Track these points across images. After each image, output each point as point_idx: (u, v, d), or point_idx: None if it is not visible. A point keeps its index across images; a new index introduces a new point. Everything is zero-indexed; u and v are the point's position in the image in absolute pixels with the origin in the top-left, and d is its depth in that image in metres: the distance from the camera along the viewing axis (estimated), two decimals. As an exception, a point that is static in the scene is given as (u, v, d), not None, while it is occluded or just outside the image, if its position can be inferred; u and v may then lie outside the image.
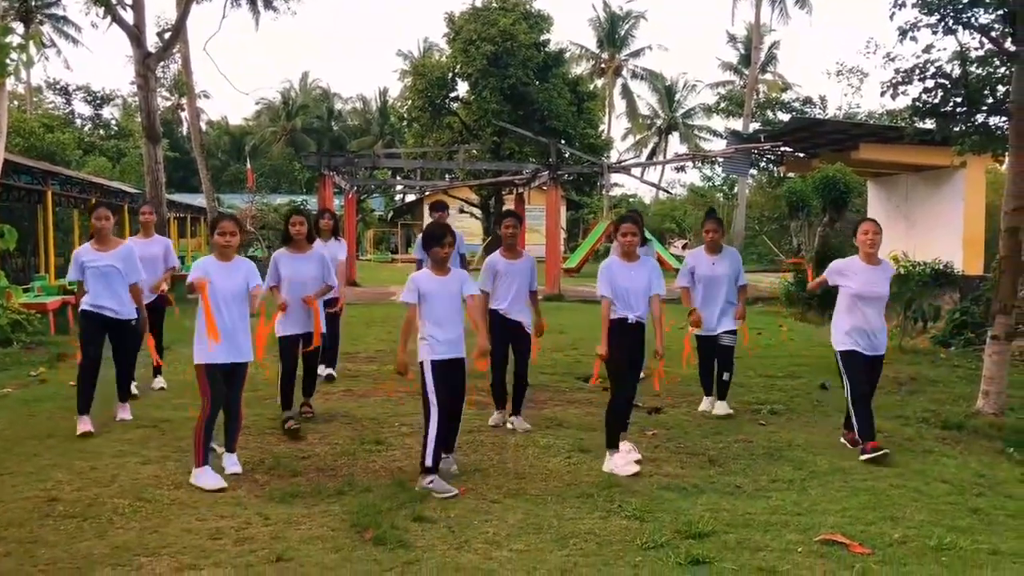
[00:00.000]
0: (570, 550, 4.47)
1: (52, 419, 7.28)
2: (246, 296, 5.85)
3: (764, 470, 5.99)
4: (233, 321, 5.74)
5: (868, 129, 20.80)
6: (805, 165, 22.07)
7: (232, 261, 5.86)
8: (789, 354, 11.56)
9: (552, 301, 19.81)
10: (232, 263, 5.85)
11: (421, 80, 37.73)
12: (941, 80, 8.99)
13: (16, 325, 12.15)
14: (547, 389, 8.87)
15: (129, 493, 5.30)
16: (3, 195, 18.50)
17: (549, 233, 23.93)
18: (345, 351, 9.84)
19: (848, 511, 5.11)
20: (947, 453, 6.54)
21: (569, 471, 5.93)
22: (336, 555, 4.36)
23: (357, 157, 28.85)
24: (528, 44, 35.93)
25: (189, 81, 32.67)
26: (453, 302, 5.61)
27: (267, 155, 61.95)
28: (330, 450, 6.40)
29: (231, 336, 5.72)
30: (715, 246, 7.82)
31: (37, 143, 31.34)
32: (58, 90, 54.88)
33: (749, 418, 7.66)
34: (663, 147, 58.98)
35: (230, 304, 5.74)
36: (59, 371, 9.83)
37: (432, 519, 4.89)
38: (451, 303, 5.60)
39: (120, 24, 19.89)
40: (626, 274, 6.08)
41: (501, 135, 35.85)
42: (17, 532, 4.64)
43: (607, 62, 56.83)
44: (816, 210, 18.36)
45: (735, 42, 49.92)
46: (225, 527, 4.74)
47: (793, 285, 17.97)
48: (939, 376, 9.95)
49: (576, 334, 12.98)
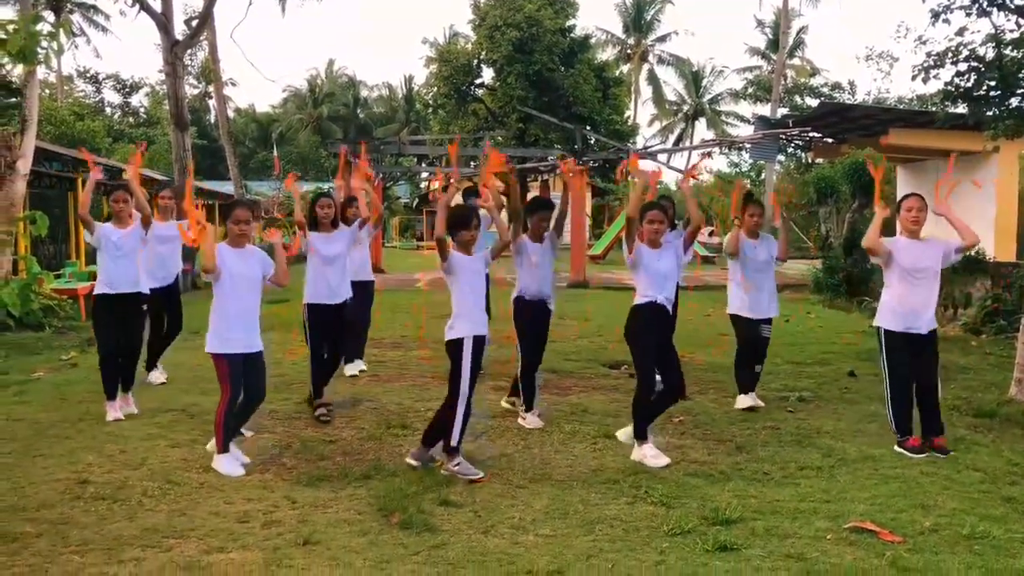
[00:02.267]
0: (596, 536, 4.45)
1: (83, 403, 7.37)
2: (260, 285, 5.78)
3: (792, 457, 5.93)
4: (248, 309, 5.69)
5: (898, 114, 20.49)
6: (834, 151, 21.79)
7: (245, 248, 5.80)
8: (818, 341, 11.46)
9: (577, 288, 19.78)
10: (246, 250, 5.79)
11: (446, 67, 37.72)
12: (974, 63, 8.84)
13: (48, 310, 12.32)
14: (572, 376, 8.85)
15: (158, 476, 5.36)
16: (34, 182, 18.68)
17: (574, 220, 23.82)
18: (370, 337, 9.86)
19: (878, 499, 5.06)
20: (979, 441, 6.45)
21: (595, 457, 5.92)
22: (363, 539, 4.37)
23: (383, 144, 28.87)
24: (553, 30, 35.79)
25: (216, 69, 32.79)
26: (479, 278, 5.66)
27: (294, 142, 62.22)
28: (356, 434, 6.43)
29: (246, 326, 5.65)
30: (755, 231, 7.69)
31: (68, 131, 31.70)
32: (88, 78, 55.39)
33: (777, 405, 7.60)
34: (690, 133, 58.56)
35: (244, 291, 5.68)
36: (89, 355, 9.94)
37: (458, 503, 4.89)
38: (478, 280, 5.64)
39: (148, 12, 20.01)
40: (654, 259, 6.02)
41: (526, 121, 35.77)
42: (49, 513, 4.70)
43: (633, 47, 56.45)
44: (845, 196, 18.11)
45: (763, 27, 49.38)
46: (253, 510, 4.77)
47: (822, 272, 17.80)
48: (970, 363, 9.82)
49: (601, 320, 12.94)
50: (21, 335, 11.30)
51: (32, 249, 15.35)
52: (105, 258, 7.13)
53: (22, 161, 12.68)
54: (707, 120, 57.83)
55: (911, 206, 6.27)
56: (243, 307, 5.67)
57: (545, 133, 36.09)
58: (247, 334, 5.66)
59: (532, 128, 36.36)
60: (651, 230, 6.01)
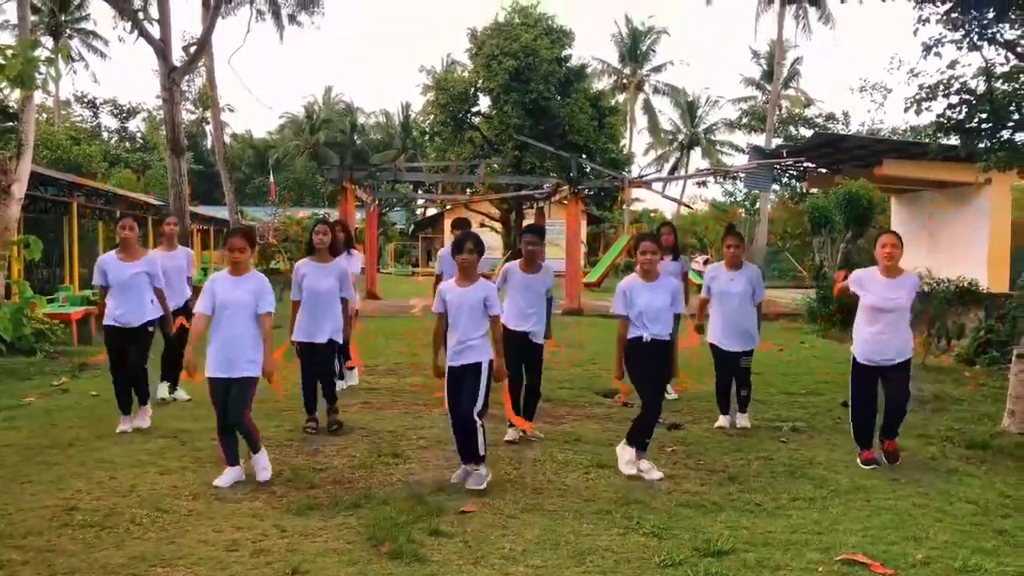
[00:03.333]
0: (587, 567, 4.42)
1: (73, 429, 7.33)
2: (253, 312, 5.79)
3: (784, 488, 5.91)
4: (232, 335, 5.73)
5: (892, 145, 20.64)
6: (828, 181, 21.91)
7: (242, 275, 5.86)
8: (811, 371, 11.45)
9: (572, 316, 19.77)
10: (241, 277, 5.85)
11: (443, 95, 37.98)
12: (966, 96, 8.93)
13: (40, 335, 12.28)
14: (565, 404, 8.83)
15: (147, 503, 5.32)
16: (30, 206, 18.70)
17: (569, 247, 23.88)
18: (364, 363, 9.83)
19: (870, 530, 5.04)
20: (972, 473, 6.43)
21: (587, 487, 5.89)
22: (352, 568, 4.34)
23: (379, 170, 28.98)
24: (550, 59, 36.09)
25: (214, 95, 32.98)
26: (473, 312, 5.71)
27: (290, 168, 62.41)
28: (347, 462, 6.39)
29: (227, 350, 5.72)
30: (735, 262, 7.76)
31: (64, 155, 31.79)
32: (85, 103, 55.75)
33: (770, 435, 7.58)
34: (685, 162, 58.88)
35: (232, 318, 5.74)
36: (81, 381, 9.90)
37: (448, 533, 4.86)
38: (471, 313, 5.71)
39: (147, 38, 20.16)
40: (644, 293, 6.05)
41: (522, 149, 35.96)
42: (36, 540, 4.66)
43: (629, 77, 56.86)
44: (839, 226, 18.21)
45: (758, 58, 49.85)
46: (241, 539, 4.74)
47: (815, 302, 17.82)
48: (963, 395, 9.81)
49: (595, 348, 12.93)
50: (12, 360, 11.25)
51: (25, 273, 15.34)
52: (112, 290, 7.22)
53: (17, 185, 12.69)
54: (702, 149, 58.21)
55: (885, 242, 6.50)
56: (229, 334, 5.75)
57: (541, 161, 36.27)
58: (230, 360, 5.72)
59: (528, 156, 36.54)
60: (644, 260, 6.05)
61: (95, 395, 8.62)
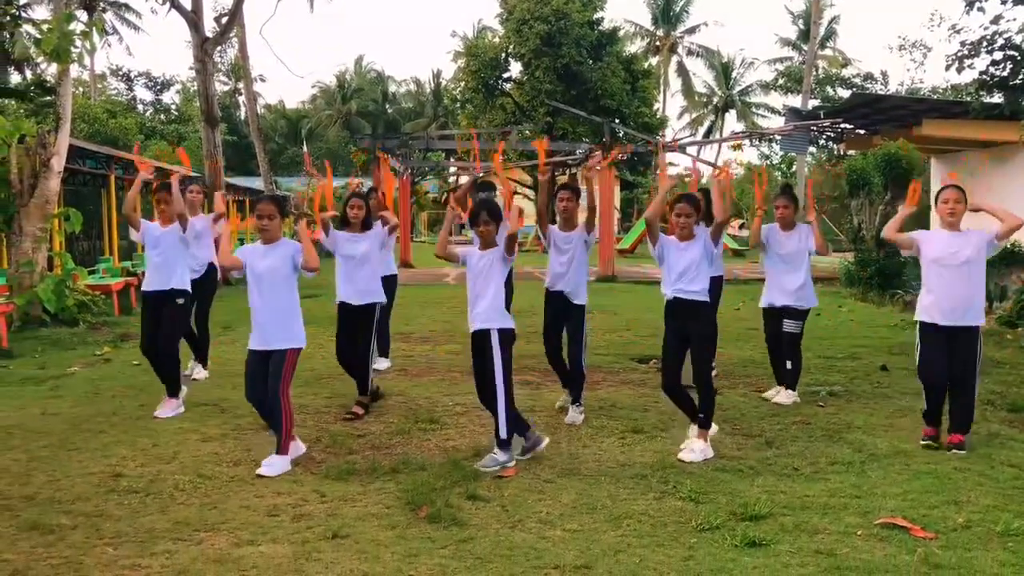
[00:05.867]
0: (624, 531, 4.44)
1: (116, 397, 7.48)
2: (287, 279, 5.63)
3: (822, 452, 5.88)
4: (266, 306, 5.59)
5: (931, 104, 20.21)
6: (866, 142, 21.53)
7: (272, 244, 5.68)
8: (849, 335, 11.34)
9: (605, 282, 19.73)
10: (271, 246, 5.67)
11: (474, 61, 37.74)
12: (1010, 52, 8.71)
13: (82, 306, 12.50)
14: (600, 370, 8.83)
15: (190, 469, 5.42)
16: (69, 179, 18.97)
17: (603, 213, 23.76)
18: (399, 331, 9.91)
19: (909, 494, 5.00)
20: (1014, 436, 6.34)
21: (623, 452, 5.90)
22: (391, 532, 4.40)
23: (411, 139, 28.94)
24: (581, 23, 35.67)
25: (246, 65, 33.04)
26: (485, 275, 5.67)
27: (323, 138, 62.58)
28: (385, 429, 6.46)
29: (263, 322, 5.59)
30: (787, 223, 7.57)
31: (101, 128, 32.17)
32: (120, 76, 56.17)
33: (807, 399, 7.52)
34: (719, 125, 58.11)
35: (264, 288, 5.59)
36: (123, 351, 10.09)
37: (486, 498, 4.90)
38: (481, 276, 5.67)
39: (179, 10, 20.23)
40: (674, 252, 5.95)
41: (554, 115, 35.69)
42: (84, 506, 4.78)
43: (662, 39, 56.15)
44: (877, 188, 17.88)
45: (794, 17, 48.95)
46: (282, 504, 4.82)
47: (854, 265, 17.60)
48: (1005, 358, 9.66)
49: (629, 315, 12.90)
50: (56, 330, 11.48)
51: (66, 246, 15.58)
52: (147, 255, 7.30)
53: (56, 159, 12.84)
54: (737, 112, 57.39)
55: (947, 198, 6.06)
56: (261, 305, 5.60)
57: (573, 127, 35.97)
58: (262, 332, 5.60)
59: (560, 122, 36.26)
60: (678, 223, 5.95)
61: (136, 364, 8.77)
